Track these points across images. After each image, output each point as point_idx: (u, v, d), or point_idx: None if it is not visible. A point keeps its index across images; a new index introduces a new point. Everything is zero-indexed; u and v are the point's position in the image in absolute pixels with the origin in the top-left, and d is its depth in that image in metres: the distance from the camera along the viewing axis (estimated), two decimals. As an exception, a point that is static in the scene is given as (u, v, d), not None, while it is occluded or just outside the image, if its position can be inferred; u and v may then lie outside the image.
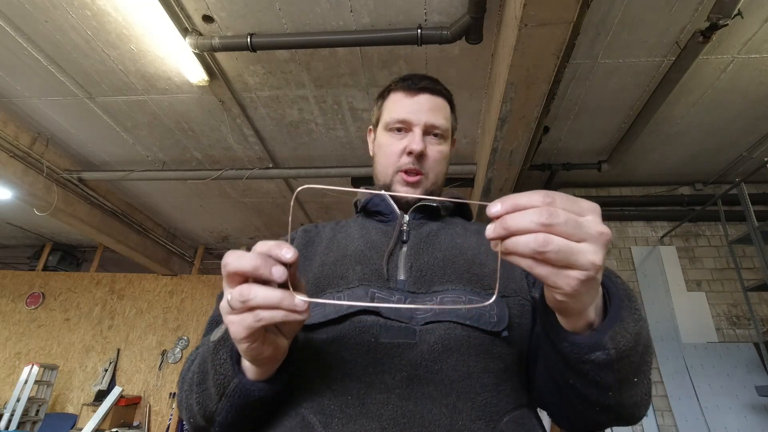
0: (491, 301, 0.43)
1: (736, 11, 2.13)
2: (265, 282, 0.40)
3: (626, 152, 3.41)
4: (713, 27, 2.16)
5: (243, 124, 3.35)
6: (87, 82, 2.98)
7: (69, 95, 3.13)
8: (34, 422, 4.72)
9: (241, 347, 0.43)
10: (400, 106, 0.76)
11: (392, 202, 0.73)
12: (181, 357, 5.36)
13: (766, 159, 2.85)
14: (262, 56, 2.68)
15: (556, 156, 3.66)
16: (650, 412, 3.24)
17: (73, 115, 3.37)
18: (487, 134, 2.95)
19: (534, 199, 0.35)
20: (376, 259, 0.64)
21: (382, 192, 0.74)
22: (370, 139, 0.86)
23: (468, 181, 3.65)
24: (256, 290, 0.39)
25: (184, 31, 2.45)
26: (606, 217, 3.90)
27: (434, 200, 0.72)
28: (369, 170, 4.12)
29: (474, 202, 0.54)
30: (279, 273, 0.39)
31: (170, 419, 4.90)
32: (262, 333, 0.42)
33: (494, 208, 0.36)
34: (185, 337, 5.47)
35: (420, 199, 0.73)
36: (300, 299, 0.39)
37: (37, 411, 4.77)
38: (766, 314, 3.46)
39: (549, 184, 3.91)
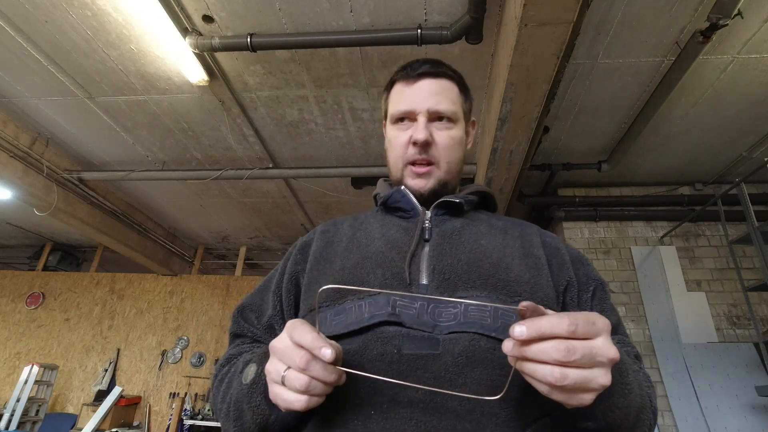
0: (497, 397, 0.44)
1: (736, 11, 2.13)
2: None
3: (626, 152, 3.41)
4: (713, 27, 2.16)
5: (243, 124, 3.35)
6: (87, 82, 2.98)
7: (69, 95, 3.13)
8: (34, 422, 4.72)
9: (291, 409, 0.48)
10: (401, 96, 0.73)
11: (413, 197, 0.70)
12: (181, 357, 5.36)
13: (766, 159, 2.85)
14: (262, 56, 2.68)
15: (556, 156, 3.66)
16: (650, 412, 3.24)
17: (73, 115, 3.37)
18: (487, 134, 2.95)
19: (557, 330, 0.39)
20: (397, 261, 0.61)
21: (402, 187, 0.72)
22: (384, 133, 0.83)
23: (468, 181, 3.66)
24: (315, 384, 0.45)
25: (184, 31, 2.45)
26: (606, 217, 3.91)
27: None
28: (369, 170, 4.13)
29: (497, 305, 0.53)
30: (344, 380, 0.47)
31: (170, 419, 4.89)
32: None
33: (518, 330, 0.40)
34: (185, 337, 5.47)
35: (432, 190, 0.71)
36: (342, 381, 0.47)
37: (37, 411, 4.78)
38: (766, 314, 3.46)
39: (549, 184, 3.91)
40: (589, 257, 3.80)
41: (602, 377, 0.40)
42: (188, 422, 4.85)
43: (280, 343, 0.48)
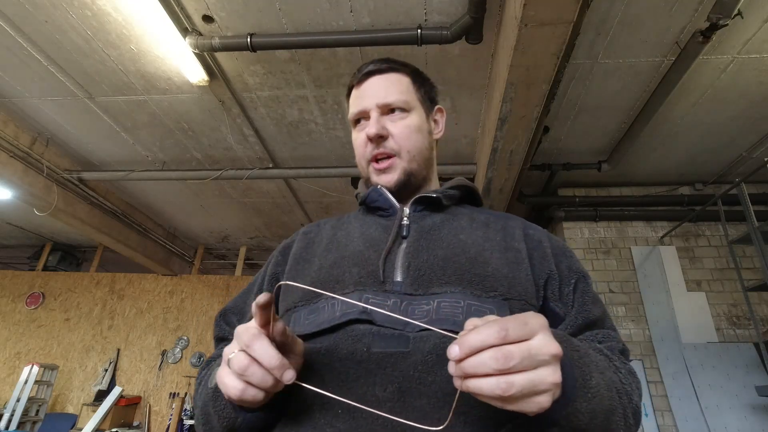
0: (441, 428, 0.41)
1: (736, 11, 2.13)
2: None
3: (626, 152, 3.41)
4: (713, 27, 2.16)
5: (243, 124, 3.35)
6: (87, 82, 2.98)
7: (69, 95, 3.13)
8: (34, 422, 4.72)
9: (229, 397, 0.47)
10: (353, 99, 0.75)
11: (390, 195, 0.70)
12: (181, 357, 5.36)
13: (766, 159, 2.85)
14: (262, 56, 2.68)
15: (556, 156, 3.66)
16: (650, 411, 3.24)
17: (73, 115, 3.37)
18: (487, 134, 2.95)
19: (488, 339, 0.37)
20: (373, 259, 0.61)
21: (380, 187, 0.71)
22: None
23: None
24: (253, 370, 0.43)
25: (184, 31, 2.45)
26: (606, 217, 3.91)
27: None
28: (369, 170, 4.10)
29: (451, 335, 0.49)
30: (289, 377, 0.44)
31: (170, 419, 4.89)
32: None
33: (453, 350, 0.38)
34: (185, 337, 5.47)
35: (399, 182, 0.71)
36: (288, 377, 0.44)
37: (37, 411, 4.77)
38: (766, 314, 3.46)
39: (549, 184, 3.91)
40: (589, 257, 3.84)
41: (550, 376, 0.38)
42: (188, 422, 4.84)
43: (243, 326, 0.47)
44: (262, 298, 0.43)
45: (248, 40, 2.39)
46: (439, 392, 0.49)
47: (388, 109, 0.71)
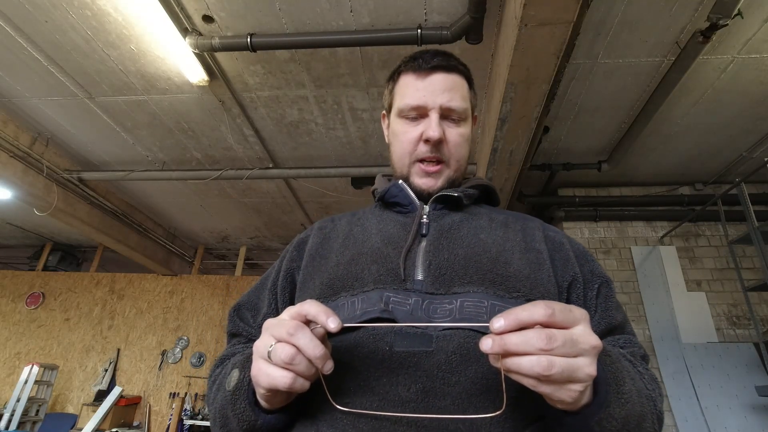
0: (499, 413, 0.44)
1: (736, 11, 2.13)
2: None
3: (626, 152, 3.41)
4: (713, 27, 2.16)
5: (243, 124, 3.35)
6: (87, 82, 2.98)
7: (69, 95, 3.13)
8: (34, 422, 4.72)
9: (259, 392, 0.47)
10: (412, 89, 0.69)
11: (411, 192, 0.69)
12: (181, 357, 5.36)
13: (766, 159, 2.85)
14: (262, 56, 2.68)
15: (556, 156, 3.66)
16: (650, 412, 3.24)
17: (73, 115, 3.37)
18: (487, 134, 2.95)
19: (535, 315, 0.38)
20: (393, 257, 0.60)
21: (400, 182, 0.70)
22: (384, 124, 0.80)
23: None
24: (300, 359, 0.43)
25: (184, 31, 2.45)
26: (606, 217, 3.90)
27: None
28: (369, 170, 4.11)
29: (474, 325, 0.51)
30: (329, 367, 0.44)
31: (170, 419, 4.90)
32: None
33: (497, 323, 0.39)
34: (185, 337, 5.47)
35: (440, 189, 0.69)
36: (329, 367, 0.44)
37: (37, 411, 4.78)
38: (766, 314, 3.46)
39: (549, 184, 3.91)
40: (589, 257, 3.85)
41: (588, 366, 0.38)
42: (188, 422, 4.85)
43: (276, 319, 0.46)
44: (335, 326, 0.43)
45: (248, 40, 2.39)
46: (463, 393, 0.49)
47: (447, 113, 0.69)
